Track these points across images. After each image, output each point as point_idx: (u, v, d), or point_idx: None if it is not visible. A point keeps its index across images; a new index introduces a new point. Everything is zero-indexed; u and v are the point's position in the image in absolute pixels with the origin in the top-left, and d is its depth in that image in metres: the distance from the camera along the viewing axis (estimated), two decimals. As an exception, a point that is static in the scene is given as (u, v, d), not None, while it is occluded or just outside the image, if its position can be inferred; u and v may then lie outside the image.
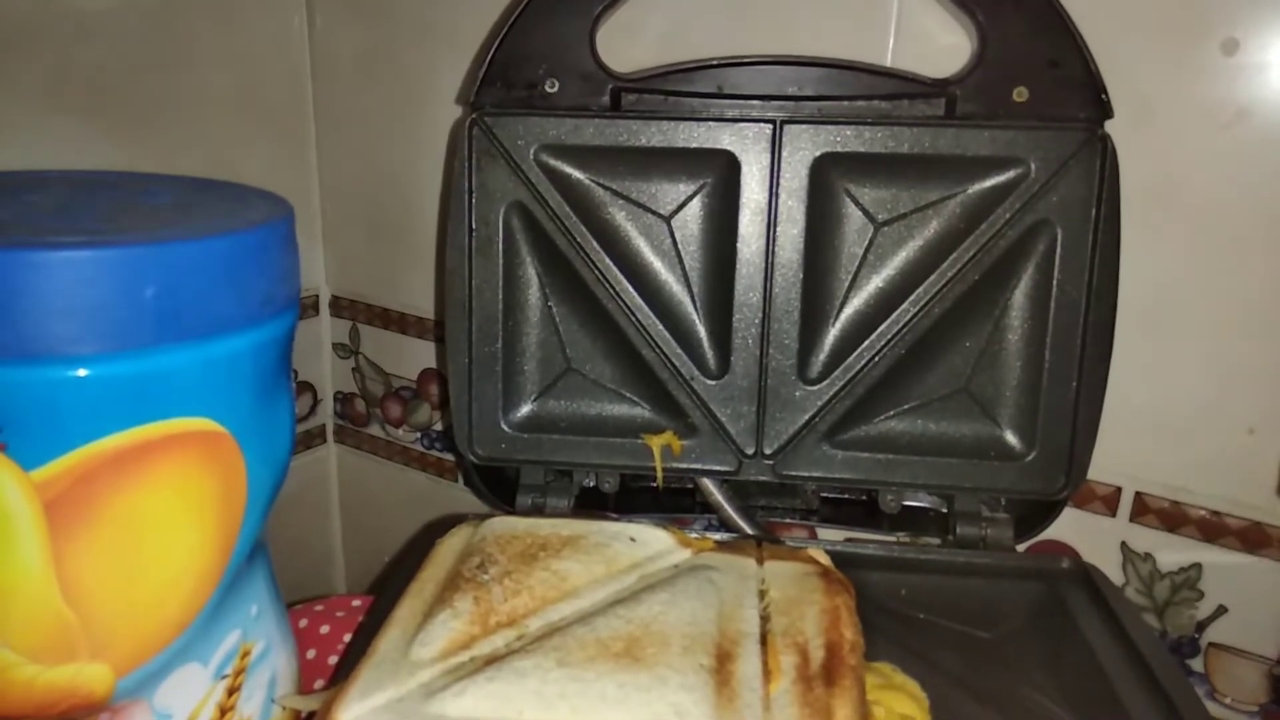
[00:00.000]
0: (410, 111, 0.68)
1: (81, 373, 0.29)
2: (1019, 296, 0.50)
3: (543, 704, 0.36)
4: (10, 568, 0.29)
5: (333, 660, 0.47)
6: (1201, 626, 0.53)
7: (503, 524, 0.49)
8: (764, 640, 0.40)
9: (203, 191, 0.38)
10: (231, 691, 0.35)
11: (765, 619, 0.41)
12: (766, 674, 0.38)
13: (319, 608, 0.50)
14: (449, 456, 0.76)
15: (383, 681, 0.37)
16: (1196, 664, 0.54)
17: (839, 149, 0.49)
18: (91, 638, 0.30)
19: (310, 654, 0.47)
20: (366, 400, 0.79)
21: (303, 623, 0.48)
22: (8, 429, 0.28)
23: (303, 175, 0.74)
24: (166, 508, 0.31)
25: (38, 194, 0.35)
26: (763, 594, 0.43)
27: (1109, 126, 0.47)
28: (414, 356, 0.75)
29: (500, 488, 0.56)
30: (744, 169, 0.49)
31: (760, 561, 0.46)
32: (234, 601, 0.35)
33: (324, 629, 0.49)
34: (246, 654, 0.36)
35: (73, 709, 0.31)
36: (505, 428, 0.53)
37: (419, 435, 0.77)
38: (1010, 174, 0.48)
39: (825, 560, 0.46)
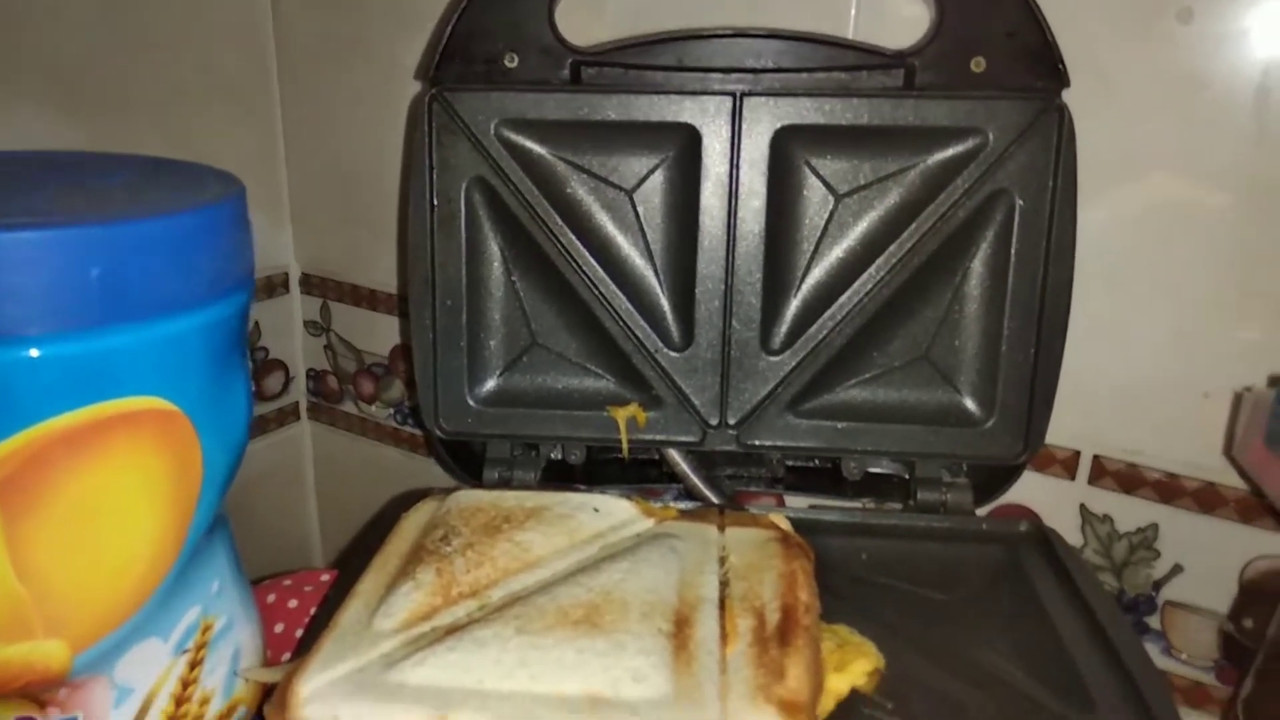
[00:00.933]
0: (376, 89, 0.67)
1: (32, 353, 0.29)
2: (978, 265, 0.50)
3: (502, 672, 0.36)
4: (-37, 547, 0.29)
5: (300, 634, 0.48)
6: (1158, 585, 0.55)
7: (468, 497, 0.49)
8: (722, 605, 0.40)
9: (157, 171, 0.38)
10: (193, 666, 0.36)
11: (724, 584, 0.42)
12: (723, 637, 0.38)
13: (287, 582, 0.51)
14: (421, 432, 0.76)
15: (344, 653, 0.38)
16: (1154, 621, 0.55)
17: (799, 121, 0.49)
18: (46, 615, 0.31)
19: (278, 628, 0.48)
20: (339, 377, 0.79)
21: (270, 597, 0.49)
22: (-44, 410, 0.29)
23: (269, 154, 0.74)
24: (120, 487, 0.31)
25: (-14, 174, 0.35)
26: (723, 560, 0.44)
27: (1066, 96, 0.48)
28: (385, 333, 0.75)
29: (467, 462, 0.56)
30: (705, 142, 0.50)
31: (722, 529, 0.46)
32: (193, 578, 0.35)
33: (292, 603, 0.49)
34: (208, 629, 0.36)
35: (30, 685, 0.31)
36: (471, 402, 0.53)
37: (392, 411, 0.77)
38: (969, 144, 0.48)
39: (785, 526, 0.46)
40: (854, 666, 0.39)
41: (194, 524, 0.34)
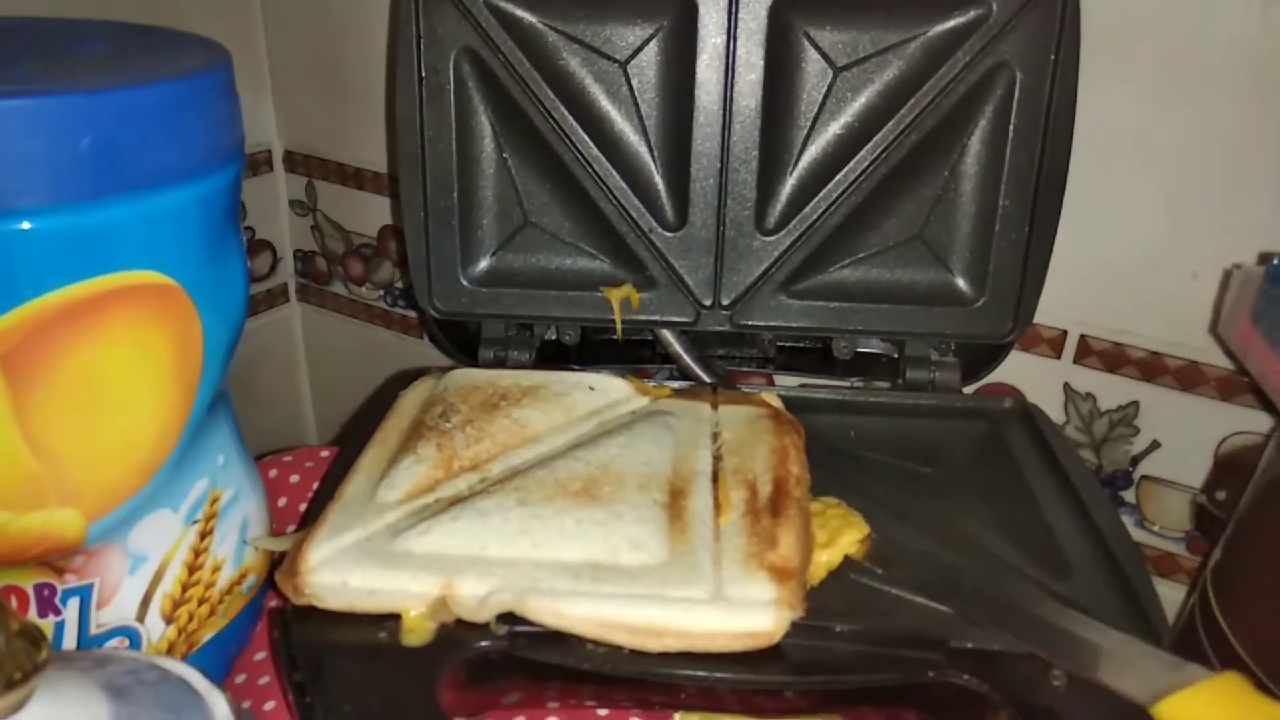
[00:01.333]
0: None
1: (25, 225, 0.28)
2: (975, 143, 0.50)
3: (504, 539, 0.37)
4: (-29, 420, 0.30)
5: (303, 508, 0.49)
6: (1136, 460, 0.56)
7: (464, 375, 0.50)
8: (716, 479, 0.42)
9: (139, 38, 0.36)
10: (204, 535, 0.37)
11: (717, 459, 0.43)
12: (717, 508, 0.40)
13: (288, 458, 0.52)
14: (412, 313, 0.76)
15: (350, 523, 0.39)
16: (1129, 495, 0.57)
17: (798, -11, 0.47)
18: (59, 485, 0.31)
19: (281, 502, 0.49)
20: (327, 259, 0.78)
21: (273, 473, 0.50)
22: (-45, 283, 0.28)
23: (247, 23, 0.71)
24: (122, 360, 0.32)
25: (-38, 41, 0.34)
26: (716, 436, 0.45)
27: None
28: (373, 213, 0.74)
29: (462, 342, 0.56)
30: (701, 10, 0.48)
31: (715, 407, 0.47)
32: (199, 451, 0.36)
33: (294, 478, 0.50)
34: (216, 500, 0.37)
35: (47, 552, 0.32)
36: (464, 282, 0.53)
37: (382, 293, 0.77)
38: (971, 15, 0.47)
39: (776, 403, 0.47)
40: (843, 538, 0.40)
41: (198, 397, 0.34)
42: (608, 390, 0.49)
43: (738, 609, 0.35)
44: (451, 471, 0.42)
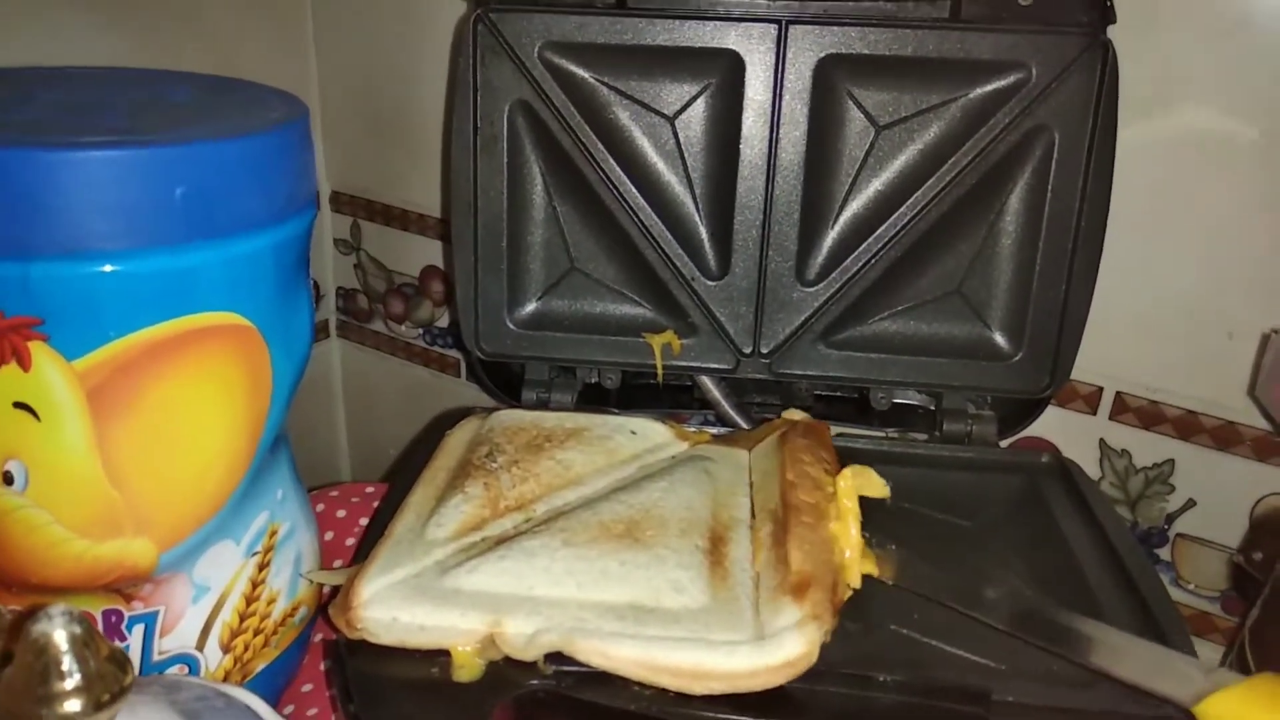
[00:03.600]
0: (411, 4, 0.67)
1: (117, 268, 0.30)
2: (1014, 201, 0.51)
3: (550, 580, 0.38)
4: (59, 451, 0.31)
5: (349, 542, 0.50)
6: (1171, 518, 0.56)
7: (509, 416, 0.51)
8: (754, 525, 0.42)
9: (217, 90, 0.38)
10: (261, 567, 0.38)
11: (753, 504, 0.44)
12: (755, 553, 0.41)
13: (334, 493, 0.53)
14: (451, 352, 0.78)
15: (400, 559, 0.40)
16: (1164, 553, 0.57)
17: (843, 50, 0.49)
18: (135, 515, 0.33)
19: (328, 536, 0.50)
20: (369, 296, 0.80)
21: (319, 507, 0.51)
22: (50, 321, 0.30)
23: (301, 68, 0.73)
24: (199, 396, 0.33)
25: (56, 91, 0.36)
26: (752, 485, 0.46)
27: (1110, 32, 0.48)
28: (416, 253, 0.76)
29: (506, 383, 0.58)
30: (749, 69, 0.50)
31: (750, 450, 0.48)
32: (262, 485, 0.37)
33: (340, 513, 0.52)
34: (274, 533, 0.38)
35: (119, 580, 0.33)
36: (510, 325, 0.55)
37: (421, 331, 0.79)
38: (1011, 78, 0.49)
39: (797, 416, 0.48)
40: (867, 490, 0.42)
41: (264, 433, 0.36)
42: (649, 435, 0.50)
43: (771, 643, 0.35)
44: (498, 511, 0.43)
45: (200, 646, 0.36)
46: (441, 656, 0.37)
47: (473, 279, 0.54)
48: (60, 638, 0.24)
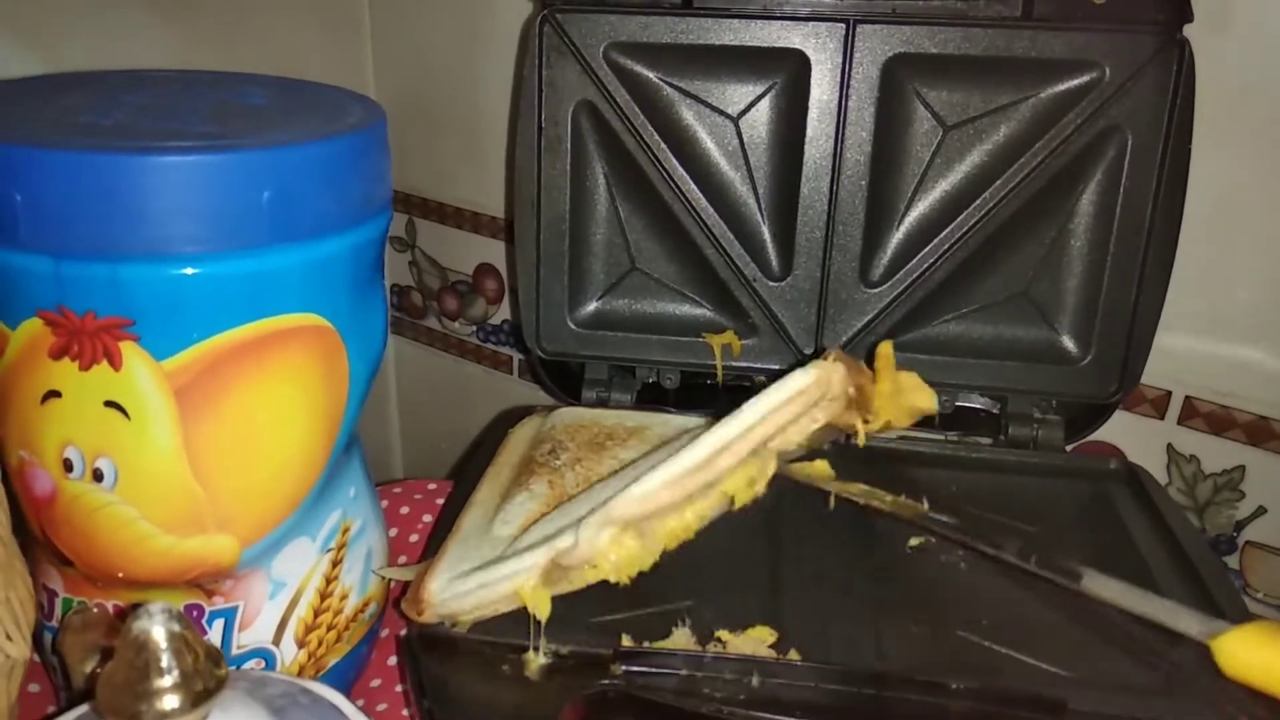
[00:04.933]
0: (470, 4, 0.67)
1: (204, 270, 0.31)
2: (1084, 203, 0.50)
3: (589, 502, 0.40)
4: (148, 449, 0.32)
5: (413, 539, 0.51)
6: (1240, 525, 0.55)
7: (571, 414, 0.51)
8: None
9: (293, 92, 0.39)
10: (335, 564, 0.38)
11: None
12: None
13: (397, 490, 0.53)
14: (504, 349, 0.78)
15: (468, 554, 0.40)
16: (1232, 561, 0.56)
17: (912, 49, 0.48)
18: (218, 512, 0.33)
19: (392, 532, 0.50)
20: (423, 294, 0.81)
21: (384, 504, 0.51)
22: (140, 322, 0.30)
23: (357, 66, 0.74)
24: (280, 396, 0.33)
25: (137, 94, 0.36)
26: None
27: (1186, 31, 0.47)
28: (470, 251, 0.76)
29: (566, 382, 0.58)
30: (814, 69, 0.49)
31: None
32: (336, 483, 0.38)
33: (403, 510, 0.52)
34: (347, 530, 0.39)
35: (202, 576, 0.34)
36: (571, 324, 0.55)
37: (475, 328, 0.79)
38: (1084, 78, 0.48)
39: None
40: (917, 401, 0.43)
41: (340, 432, 0.36)
42: (709, 434, 0.50)
43: (781, 383, 0.37)
44: None
45: (276, 641, 0.37)
46: (512, 655, 0.37)
47: (534, 278, 0.54)
48: (159, 635, 0.25)
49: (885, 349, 0.43)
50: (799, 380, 0.37)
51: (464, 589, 0.38)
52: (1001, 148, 0.50)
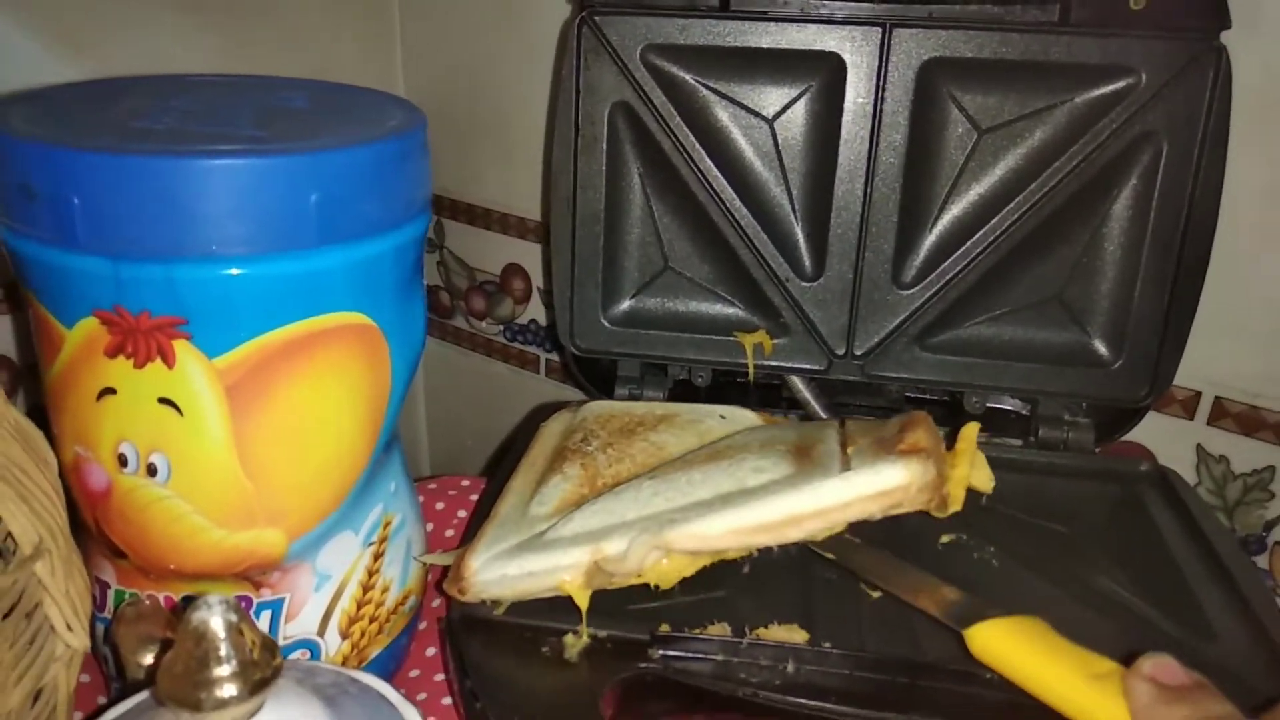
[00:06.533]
0: (499, 6, 0.68)
1: (254, 271, 0.31)
2: (1118, 207, 0.50)
3: (639, 504, 0.40)
4: (201, 445, 0.32)
5: (449, 533, 0.51)
6: (1270, 525, 0.55)
7: (600, 406, 0.52)
8: (843, 442, 0.43)
9: (333, 96, 0.40)
10: (377, 557, 0.39)
11: (845, 436, 0.44)
12: (844, 447, 0.42)
13: (432, 486, 0.54)
14: (531, 348, 0.79)
15: (506, 535, 0.41)
16: (1262, 561, 0.56)
17: (948, 53, 0.49)
18: (268, 507, 0.34)
19: (429, 527, 0.51)
20: (451, 293, 0.82)
21: (419, 499, 0.52)
22: (193, 321, 0.31)
23: (386, 68, 0.75)
24: (327, 393, 0.34)
25: (183, 99, 0.37)
26: (843, 429, 0.46)
27: (1224, 37, 0.47)
28: (497, 251, 0.77)
29: (598, 379, 0.58)
30: (850, 72, 0.50)
31: (843, 425, 0.48)
32: (378, 478, 0.38)
33: (439, 505, 0.53)
34: (388, 524, 0.39)
35: (251, 568, 0.35)
36: (605, 322, 0.55)
37: (502, 327, 0.80)
38: (1120, 83, 0.48)
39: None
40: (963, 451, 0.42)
41: (383, 428, 0.37)
42: (738, 420, 0.50)
43: (866, 473, 0.37)
44: (596, 488, 0.44)
45: (321, 632, 0.37)
46: (552, 637, 0.38)
47: (569, 277, 0.54)
48: (218, 625, 0.25)
49: (971, 432, 0.42)
50: (889, 478, 0.37)
51: (510, 574, 0.38)
52: (1036, 152, 0.50)
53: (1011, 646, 0.34)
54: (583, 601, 0.38)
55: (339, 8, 0.69)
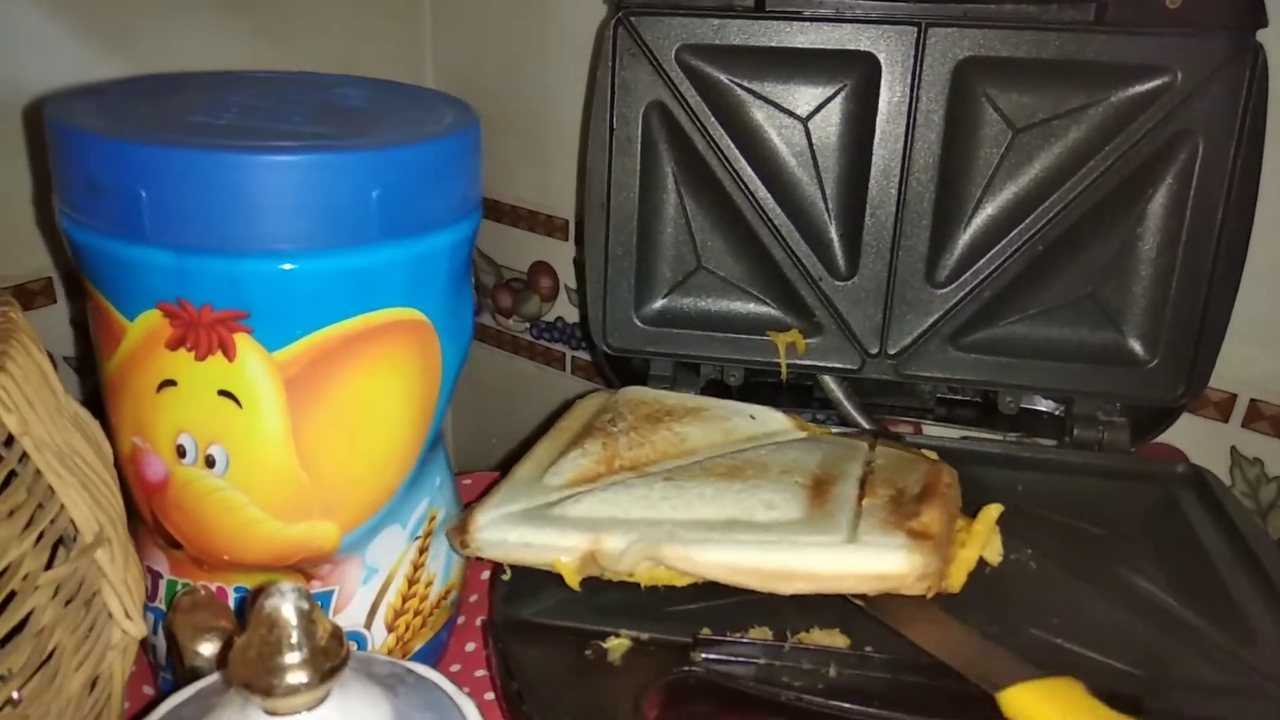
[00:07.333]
0: (528, 4, 0.68)
1: (316, 266, 0.32)
2: (1154, 206, 0.50)
3: (647, 505, 0.41)
4: (259, 437, 0.33)
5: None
6: (1304, 529, 0.55)
7: (635, 392, 0.53)
8: (863, 484, 0.43)
9: (387, 93, 0.40)
10: (422, 551, 0.39)
11: (868, 473, 0.44)
12: (861, 495, 0.42)
13: (468, 482, 0.55)
14: (557, 346, 0.79)
15: (517, 497, 0.42)
16: (1295, 566, 0.56)
17: (983, 53, 0.49)
18: (322, 500, 0.34)
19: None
20: (478, 290, 0.82)
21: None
22: (254, 315, 0.32)
23: (416, 66, 0.75)
24: (382, 387, 0.35)
25: (240, 95, 0.38)
26: (869, 463, 0.46)
27: (1260, 35, 0.47)
28: (524, 248, 0.77)
29: (630, 378, 0.59)
30: (885, 71, 0.50)
31: (872, 448, 0.48)
32: (426, 473, 0.39)
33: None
34: (433, 519, 0.40)
35: (304, 560, 0.35)
36: (637, 321, 0.56)
37: (528, 325, 0.80)
38: (1155, 82, 0.48)
39: (934, 456, 0.48)
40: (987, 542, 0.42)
41: (433, 422, 0.37)
42: (768, 421, 0.50)
43: (868, 551, 0.37)
44: (612, 469, 0.45)
45: (368, 625, 0.38)
46: (595, 640, 0.38)
47: (603, 276, 0.55)
48: (289, 613, 0.26)
49: (991, 514, 0.42)
50: (889, 564, 0.37)
51: (509, 541, 0.40)
52: (1071, 151, 0.50)
53: (1047, 713, 0.34)
54: (573, 582, 0.39)
55: (371, 9, 0.70)
